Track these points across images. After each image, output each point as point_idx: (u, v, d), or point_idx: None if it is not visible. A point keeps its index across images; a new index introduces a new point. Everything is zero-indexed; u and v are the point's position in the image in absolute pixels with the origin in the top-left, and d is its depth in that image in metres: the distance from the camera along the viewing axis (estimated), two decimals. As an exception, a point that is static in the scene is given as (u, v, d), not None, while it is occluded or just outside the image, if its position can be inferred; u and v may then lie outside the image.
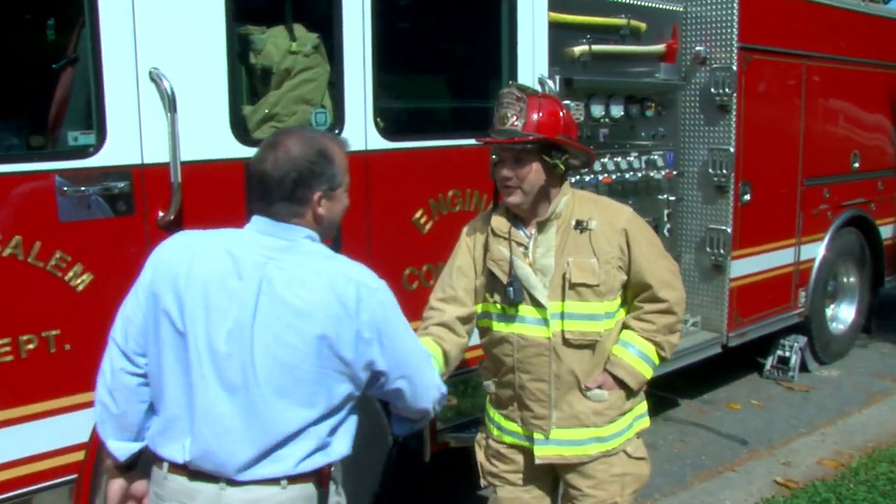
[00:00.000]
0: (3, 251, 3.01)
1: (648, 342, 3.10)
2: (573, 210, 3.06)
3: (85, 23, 3.16)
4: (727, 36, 5.78)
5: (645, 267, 3.06)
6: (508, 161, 2.99)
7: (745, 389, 6.86)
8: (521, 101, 2.96)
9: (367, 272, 2.35)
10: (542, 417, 3.08)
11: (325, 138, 2.42)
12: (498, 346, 3.14)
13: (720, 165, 5.91)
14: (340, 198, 2.42)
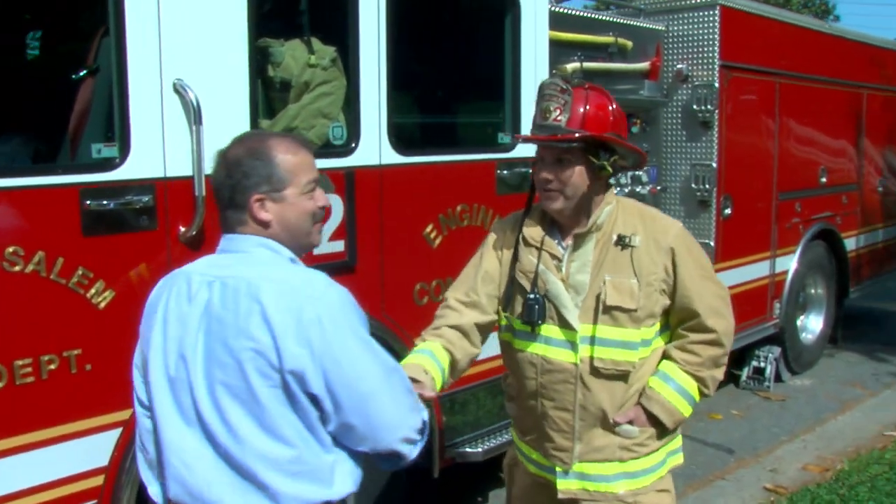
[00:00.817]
0: (26, 267, 2.90)
1: (690, 377, 2.77)
2: (616, 222, 2.72)
3: (108, 32, 3.08)
4: (709, 54, 5.93)
5: (693, 292, 2.71)
6: (549, 161, 2.66)
7: (724, 400, 6.97)
8: (566, 94, 2.62)
9: (311, 280, 2.10)
10: (563, 450, 2.78)
11: (267, 138, 2.24)
12: (520, 366, 2.83)
13: (703, 180, 6.04)
14: (294, 200, 2.19)
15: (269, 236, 2.19)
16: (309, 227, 2.24)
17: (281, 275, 2.10)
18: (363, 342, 2.10)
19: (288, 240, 2.21)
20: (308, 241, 2.27)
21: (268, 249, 2.18)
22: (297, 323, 1.98)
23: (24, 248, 2.89)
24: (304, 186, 2.20)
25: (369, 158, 3.89)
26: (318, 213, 2.27)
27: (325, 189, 3.59)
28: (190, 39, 3.23)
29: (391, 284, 4.08)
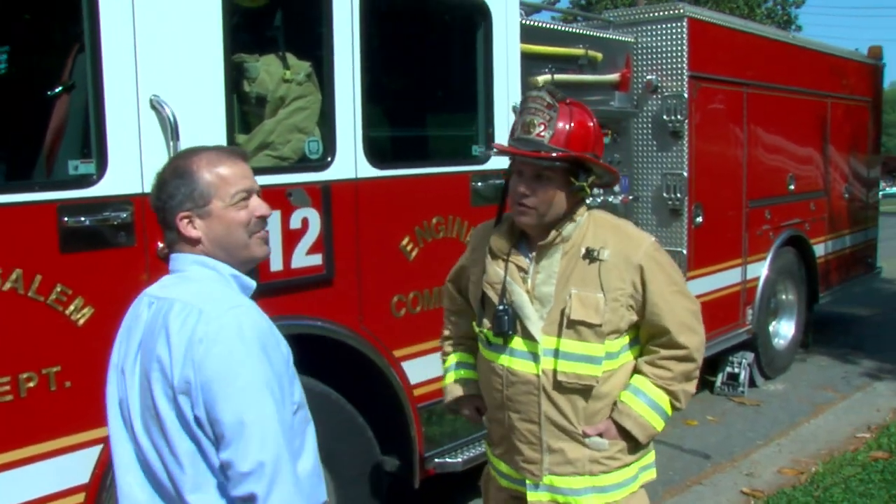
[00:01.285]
0: (3, 285, 2.90)
1: (662, 391, 2.72)
2: (586, 235, 2.67)
3: (83, 48, 3.10)
4: (678, 65, 6.03)
5: (662, 309, 2.65)
6: (528, 176, 2.60)
7: (699, 406, 7.05)
8: (552, 109, 2.57)
9: (219, 301, 2.03)
10: (532, 462, 2.75)
11: (192, 154, 2.18)
12: (488, 378, 2.83)
13: (674, 189, 6.13)
14: (220, 213, 2.12)
15: (203, 253, 2.14)
16: (243, 238, 2.16)
17: (197, 295, 2.05)
18: (252, 378, 1.96)
19: (224, 255, 2.15)
20: (247, 253, 2.18)
21: (203, 267, 2.13)
22: (188, 342, 1.95)
23: (0, 266, 2.88)
24: (231, 198, 2.12)
25: (345, 172, 3.92)
26: (256, 223, 2.17)
27: (300, 203, 3.69)
28: (166, 55, 3.24)
29: (369, 297, 4.10)
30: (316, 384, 3.91)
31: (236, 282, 2.17)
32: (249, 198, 2.17)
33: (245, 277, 2.21)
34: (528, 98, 2.65)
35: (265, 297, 3.58)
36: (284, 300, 3.73)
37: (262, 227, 2.21)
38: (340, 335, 3.98)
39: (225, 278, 2.15)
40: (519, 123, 2.64)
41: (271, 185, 3.60)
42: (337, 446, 3.96)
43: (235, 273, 2.17)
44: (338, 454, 3.97)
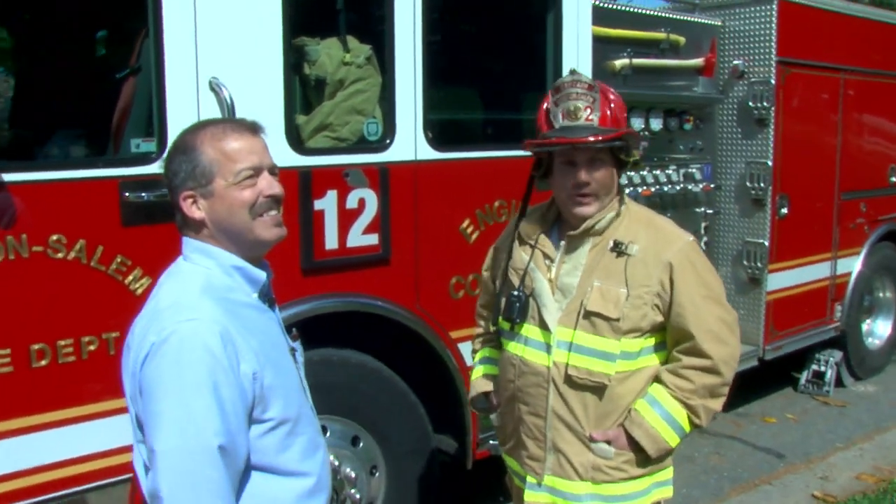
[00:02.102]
0: (67, 255, 3.10)
1: (680, 404, 2.56)
2: (619, 228, 2.59)
3: (148, 33, 3.25)
4: (766, 50, 5.81)
5: (688, 311, 2.51)
6: (583, 163, 2.51)
7: (780, 403, 6.83)
8: (594, 91, 2.51)
9: (178, 307, 1.89)
10: (535, 459, 2.67)
11: (200, 127, 2.04)
12: (503, 367, 2.78)
13: (758, 179, 5.92)
14: (224, 193, 1.97)
15: (209, 237, 2.02)
16: (246, 220, 1.99)
17: (168, 295, 1.97)
18: (171, 405, 1.81)
19: (227, 240, 2.01)
20: (252, 237, 2.01)
21: (202, 256, 2.01)
22: (139, 345, 1.89)
23: (66, 237, 3.08)
24: (235, 176, 1.97)
25: (404, 154, 3.97)
26: (264, 203, 2.01)
27: (356, 183, 3.77)
28: (226, 39, 3.37)
29: (426, 278, 4.16)
30: (370, 361, 4.01)
31: (240, 274, 2.04)
32: (258, 175, 2.00)
33: (251, 270, 2.06)
34: (563, 85, 2.55)
35: (319, 275, 3.74)
36: (339, 278, 3.83)
37: (271, 207, 2.03)
38: (396, 314, 4.05)
39: (225, 271, 2.01)
40: (559, 112, 2.55)
41: (329, 166, 3.73)
42: (388, 422, 4.06)
43: (239, 265, 2.03)
44: (388, 430, 4.07)
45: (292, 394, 2.08)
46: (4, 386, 3.03)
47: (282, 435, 2.01)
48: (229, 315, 1.94)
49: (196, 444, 1.80)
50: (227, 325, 1.90)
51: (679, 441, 2.62)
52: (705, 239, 5.94)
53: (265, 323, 2.10)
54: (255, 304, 2.09)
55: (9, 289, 3.00)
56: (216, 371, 1.84)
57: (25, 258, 3.02)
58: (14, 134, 4.17)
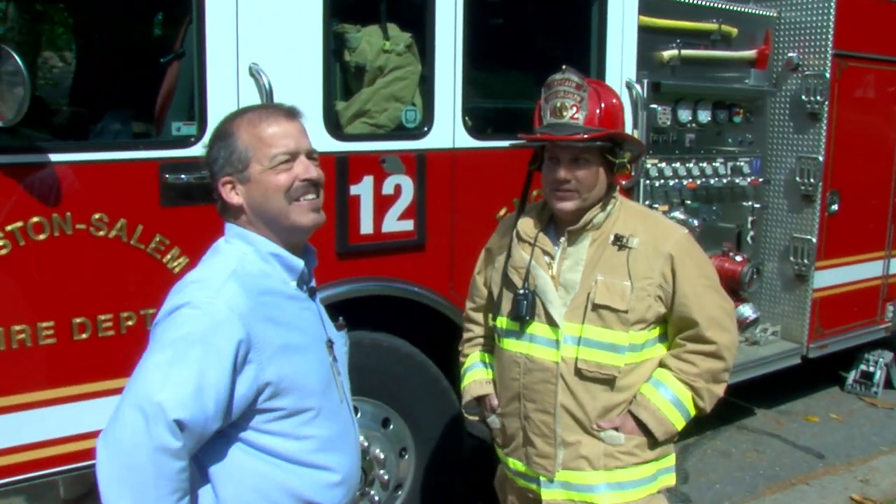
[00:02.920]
0: (109, 233, 3.22)
1: (685, 386, 2.64)
2: (616, 222, 2.66)
3: (192, 19, 3.33)
4: (822, 42, 5.66)
5: (691, 300, 2.60)
6: (565, 161, 2.58)
7: (824, 402, 6.72)
8: (582, 90, 2.56)
9: (201, 285, 1.95)
10: (545, 456, 2.68)
11: (238, 114, 2.08)
12: (506, 367, 2.77)
13: (808, 174, 5.79)
14: (258, 177, 2.00)
15: (247, 223, 2.05)
16: (282, 205, 2.02)
17: (199, 271, 2.04)
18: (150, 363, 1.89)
19: (265, 226, 2.05)
20: (288, 222, 2.04)
21: (240, 241, 2.05)
22: (161, 310, 1.98)
23: (108, 216, 3.21)
24: (270, 160, 2.00)
25: (442, 142, 4.01)
26: (300, 187, 2.03)
27: (393, 169, 3.82)
28: (266, 26, 3.44)
29: (461, 264, 4.18)
30: (403, 344, 4.07)
31: (278, 261, 2.06)
32: (294, 160, 2.03)
33: (289, 257, 2.08)
34: (553, 82, 2.62)
35: (354, 259, 3.81)
36: (374, 262, 3.89)
37: (307, 191, 2.05)
38: (430, 300, 4.10)
39: (262, 257, 2.05)
40: (547, 109, 2.63)
41: (366, 152, 3.78)
42: (418, 405, 4.12)
43: (277, 252, 2.06)
44: (419, 413, 4.14)
45: (314, 387, 2.09)
46: (48, 356, 3.17)
47: (294, 424, 2.04)
48: (254, 302, 1.97)
49: (154, 410, 1.82)
50: (245, 312, 1.94)
51: (684, 424, 2.68)
52: (752, 233, 5.84)
53: (299, 313, 2.12)
54: (292, 293, 2.11)
55: (53, 264, 3.14)
56: (209, 353, 1.87)
57: (69, 235, 3.14)
58: (67, 114, 4.32)
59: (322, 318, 2.25)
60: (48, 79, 5.52)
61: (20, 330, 3.11)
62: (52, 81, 5.55)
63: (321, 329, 2.21)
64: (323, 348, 2.18)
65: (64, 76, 5.69)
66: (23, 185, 3.04)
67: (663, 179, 5.15)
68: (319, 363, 2.15)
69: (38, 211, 3.08)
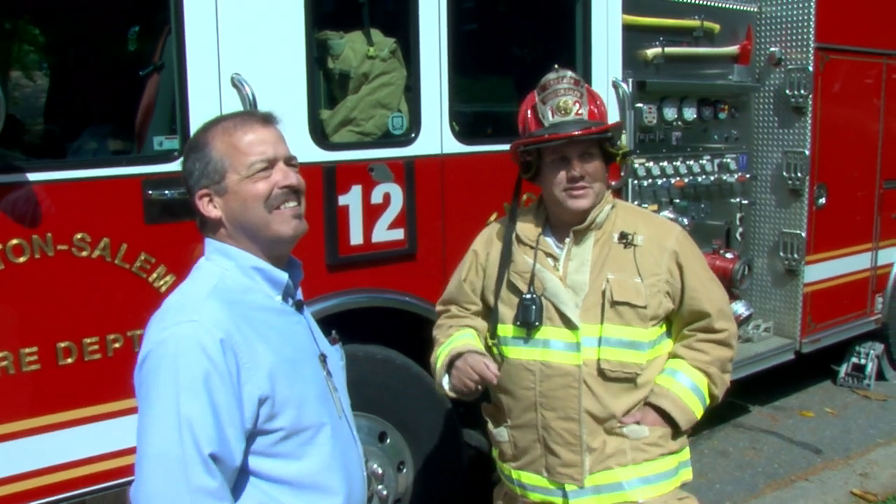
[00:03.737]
0: (92, 253, 3.11)
1: (700, 372, 2.64)
2: (616, 221, 2.64)
3: (171, 30, 3.24)
4: (803, 36, 5.65)
5: (701, 293, 2.62)
6: (576, 158, 2.54)
7: (818, 397, 6.70)
8: (580, 86, 2.58)
9: (178, 310, 1.84)
10: (571, 465, 2.58)
11: (211, 124, 1.98)
12: (514, 377, 2.63)
13: (794, 168, 5.78)
14: (237, 188, 1.90)
15: (227, 237, 1.96)
16: (262, 215, 1.92)
17: (178, 294, 1.94)
18: (159, 409, 1.77)
19: (245, 239, 1.95)
20: (270, 232, 1.94)
21: (221, 257, 1.96)
22: (142, 345, 1.87)
23: (90, 235, 3.10)
24: (247, 169, 1.90)
25: (430, 148, 3.94)
26: (280, 195, 1.92)
27: (381, 178, 3.74)
28: (248, 35, 3.36)
29: (453, 272, 4.11)
30: (396, 356, 3.99)
31: (261, 275, 1.97)
32: (272, 167, 1.93)
33: (272, 271, 1.98)
34: (550, 82, 2.59)
35: (344, 270, 3.73)
36: (365, 273, 3.81)
37: (288, 199, 1.95)
38: (423, 309, 4.01)
39: (244, 272, 1.95)
40: (547, 109, 2.58)
41: (353, 161, 3.70)
42: (415, 418, 4.04)
43: (259, 266, 1.97)
44: (416, 426, 4.05)
45: (310, 404, 1.99)
46: (33, 383, 3.06)
47: (294, 445, 1.94)
48: (239, 319, 1.88)
49: (189, 451, 1.74)
50: (231, 329, 1.84)
51: (702, 410, 2.67)
52: (740, 230, 5.82)
53: (287, 327, 2.02)
54: (278, 308, 2.02)
55: (35, 287, 3.02)
56: (212, 376, 1.78)
57: (51, 257, 3.04)
58: (42, 132, 4.21)
59: (313, 331, 2.15)
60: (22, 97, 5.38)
61: (2, 357, 2.99)
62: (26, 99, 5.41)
63: (312, 343, 2.11)
64: (316, 363, 2.09)
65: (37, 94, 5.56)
66: (0, 207, 2.93)
67: (651, 178, 5.12)
68: (314, 378, 2.05)
69: (17, 233, 2.97)
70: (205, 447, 1.75)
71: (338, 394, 2.13)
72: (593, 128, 2.54)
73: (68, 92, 4.01)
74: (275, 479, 1.93)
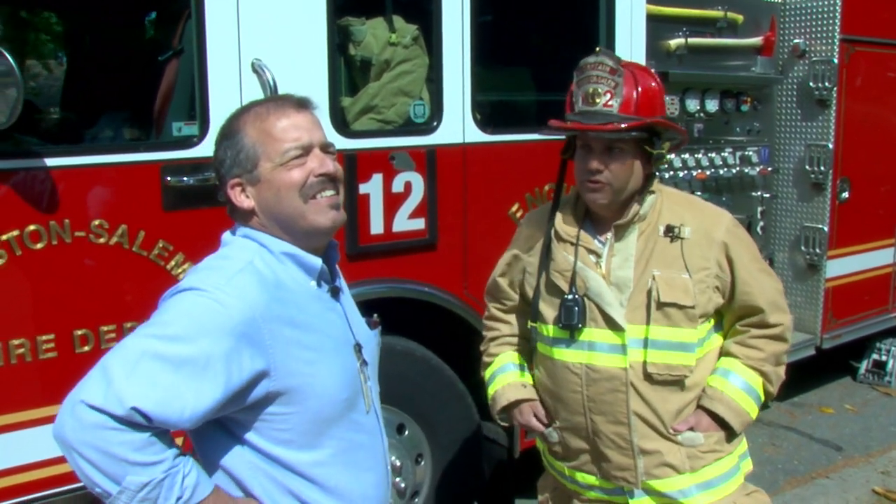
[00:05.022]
0: (109, 240, 3.06)
1: (754, 372, 2.52)
2: (661, 212, 2.49)
3: (191, 15, 3.18)
4: (829, 27, 5.56)
5: (753, 287, 2.48)
6: (598, 150, 2.39)
7: (837, 393, 6.62)
8: (617, 75, 2.36)
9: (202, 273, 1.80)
10: (625, 468, 2.50)
11: (242, 111, 1.93)
12: (560, 379, 2.54)
13: (817, 162, 5.70)
14: (270, 177, 1.83)
15: (260, 227, 1.88)
16: (297, 205, 1.84)
17: (213, 257, 1.88)
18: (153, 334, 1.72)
19: (280, 230, 1.88)
20: (306, 223, 1.86)
21: (253, 241, 1.88)
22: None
23: (108, 222, 3.05)
24: (280, 156, 1.82)
25: (452, 136, 3.87)
26: (315, 183, 1.85)
27: (403, 166, 3.68)
28: (269, 20, 3.30)
29: (475, 263, 4.06)
30: (416, 347, 3.94)
31: (293, 261, 1.89)
32: (307, 154, 1.85)
33: (305, 256, 1.90)
34: (586, 65, 2.42)
35: (364, 260, 3.67)
36: (385, 263, 3.75)
37: (324, 187, 1.87)
38: (443, 300, 3.96)
39: (277, 258, 1.88)
40: (579, 94, 2.43)
41: (374, 149, 3.64)
42: (435, 410, 3.99)
43: (291, 251, 1.88)
44: (435, 418, 4.00)
45: (334, 395, 1.91)
46: (50, 371, 3.02)
47: (311, 435, 1.88)
48: (269, 298, 1.80)
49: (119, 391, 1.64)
50: (259, 305, 1.76)
51: (758, 411, 2.56)
52: (762, 224, 5.74)
53: (321, 314, 1.94)
54: (312, 293, 1.93)
55: (52, 274, 2.98)
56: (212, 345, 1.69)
57: (68, 243, 2.99)
58: (59, 118, 4.17)
59: (349, 319, 2.05)
60: (39, 84, 5.36)
61: (19, 344, 2.95)
62: (43, 86, 5.40)
63: (347, 332, 2.03)
64: (350, 353, 2.00)
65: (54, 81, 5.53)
66: (18, 192, 2.89)
67: (673, 171, 5.05)
68: (343, 369, 1.96)
69: (34, 219, 2.92)
70: (131, 399, 1.64)
71: (369, 383, 2.06)
72: (611, 125, 2.35)
73: (86, 78, 3.96)
74: (290, 466, 1.87)
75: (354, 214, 3.58)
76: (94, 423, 1.64)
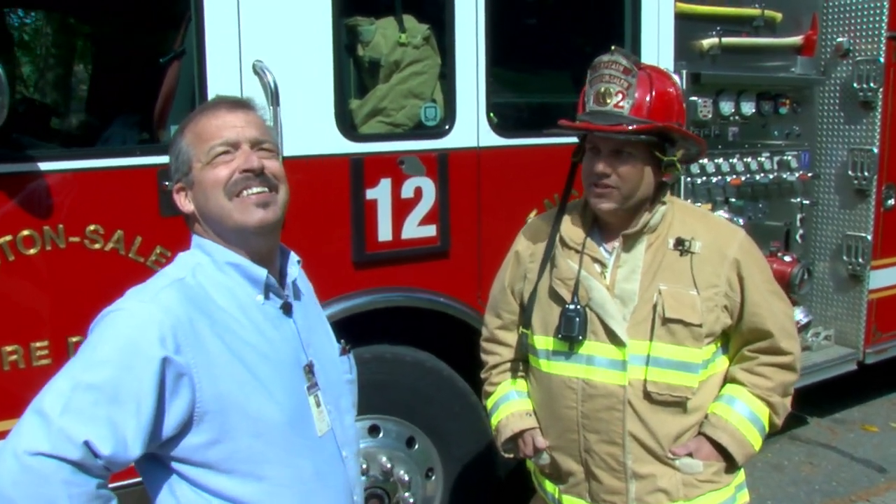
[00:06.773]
0: (105, 245, 3.01)
1: (762, 402, 2.40)
2: (672, 224, 2.38)
3: (191, 16, 3.11)
4: (874, 25, 5.29)
5: (763, 309, 2.36)
6: (605, 153, 2.29)
7: (883, 410, 6.31)
8: (631, 76, 2.26)
9: (130, 293, 1.78)
10: (615, 492, 2.38)
11: (190, 116, 1.91)
12: (555, 394, 2.42)
13: (861, 167, 5.43)
14: (200, 177, 1.80)
15: (203, 233, 1.86)
16: (222, 203, 1.78)
17: (135, 287, 1.82)
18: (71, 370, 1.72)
19: (214, 232, 1.84)
20: (232, 223, 1.79)
21: (201, 251, 1.85)
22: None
23: (104, 227, 2.99)
24: (206, 155, 1.79)
25: (466, 140, 3.75)
26: (238, 179, 1.78)
27: (412, 171, 3.56)
28: (271, 20, 3.22)
29: (489, 272, 3.87)
30: (427, 358, 3.82)
31: (237, 272, 1.82)
32: (234, 151, 1.80)
33: (249, 267, 1.83)
34: (600, 64, 2.32)
35: (372, 268, 3.56)
36: (394, 271, 3.65)
37: (249, 184, 1.79)
38: (456, 310, 3.84)
39: (219, 268, 1.82)
40: (591, 94, 2.33)
41: (383, 153, 3.53)
42: (446, 423, 3.87)
43: (234, 261, 1.82)
44: (447, 431, 3.88)
45: (273, 418, 1.80)
46: (44, 378, 2.96)
47: (249, 463, 1.78)
48: (195, 314, 1.74)
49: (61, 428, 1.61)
50: (181, 321, 1.70)
51: (761, 443, 2.45)
52: (801, 232, 5.49)
53: (264, 331, 1.84)
54: (257, 308, 1.85)
55: (46, 280, 2.94)
56: (133, 355, 1.66)
57: (62, 249, 2.94)
58: (55, 122, 4.14)
59: (301, 338, 1.94)
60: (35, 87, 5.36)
61: (12, 351, 2.91)
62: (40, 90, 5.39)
63: (298, 350, 1.92)
64: (297, 373, 1.89)
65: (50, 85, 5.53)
66: (11, 197, 2.85)
67: (705, 176, 4.85)
68: (286, 390, 1.85)
69: (28, 223, 2.89)
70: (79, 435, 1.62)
71: (325, 408, 1.94)
72: (619, 126, 2.25)
73: (85, 80, 3.92)
74: (229, 497, 1.78)
75: (361, 221, 3.49)
76: (46, 473, 1.59)
